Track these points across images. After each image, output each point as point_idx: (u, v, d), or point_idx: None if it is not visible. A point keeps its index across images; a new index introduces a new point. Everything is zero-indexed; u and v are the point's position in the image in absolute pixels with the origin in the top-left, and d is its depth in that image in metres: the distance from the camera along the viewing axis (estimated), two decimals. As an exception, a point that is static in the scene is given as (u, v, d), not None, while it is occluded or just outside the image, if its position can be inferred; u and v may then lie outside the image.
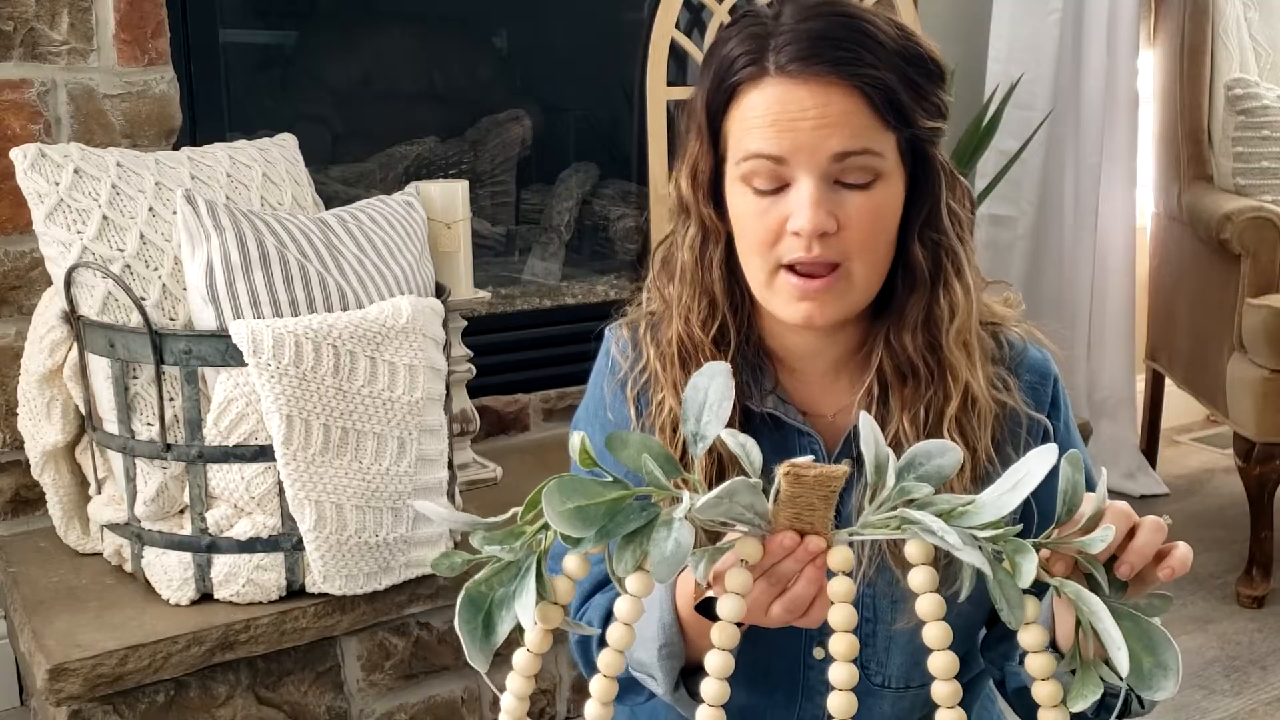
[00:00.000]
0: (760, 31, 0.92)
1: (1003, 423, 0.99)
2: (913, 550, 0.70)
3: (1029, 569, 0.67)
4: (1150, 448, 3.00)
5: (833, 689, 0.70)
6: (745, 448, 0.70)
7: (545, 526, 0.71)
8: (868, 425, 0.71)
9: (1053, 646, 0.93)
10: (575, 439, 0.74)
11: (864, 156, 0.90)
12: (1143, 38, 2.85)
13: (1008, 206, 2.70)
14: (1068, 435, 1.04)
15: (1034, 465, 0.69)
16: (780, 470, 0.69)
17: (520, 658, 0.75)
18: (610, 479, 0.69)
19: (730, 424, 0.96)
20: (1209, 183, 2.68)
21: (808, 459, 0.70)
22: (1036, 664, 0.70)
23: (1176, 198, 2.72)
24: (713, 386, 0.71)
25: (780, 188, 0.92)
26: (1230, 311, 2.39)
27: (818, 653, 1.01)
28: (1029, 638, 0.70)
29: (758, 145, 0.91)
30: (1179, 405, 3.11)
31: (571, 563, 0.72)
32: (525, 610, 0.70)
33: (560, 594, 0.72)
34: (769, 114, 0.91)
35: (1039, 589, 0.70)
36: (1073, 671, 0.73)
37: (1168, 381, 2.91)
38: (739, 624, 0.72)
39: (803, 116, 0.90)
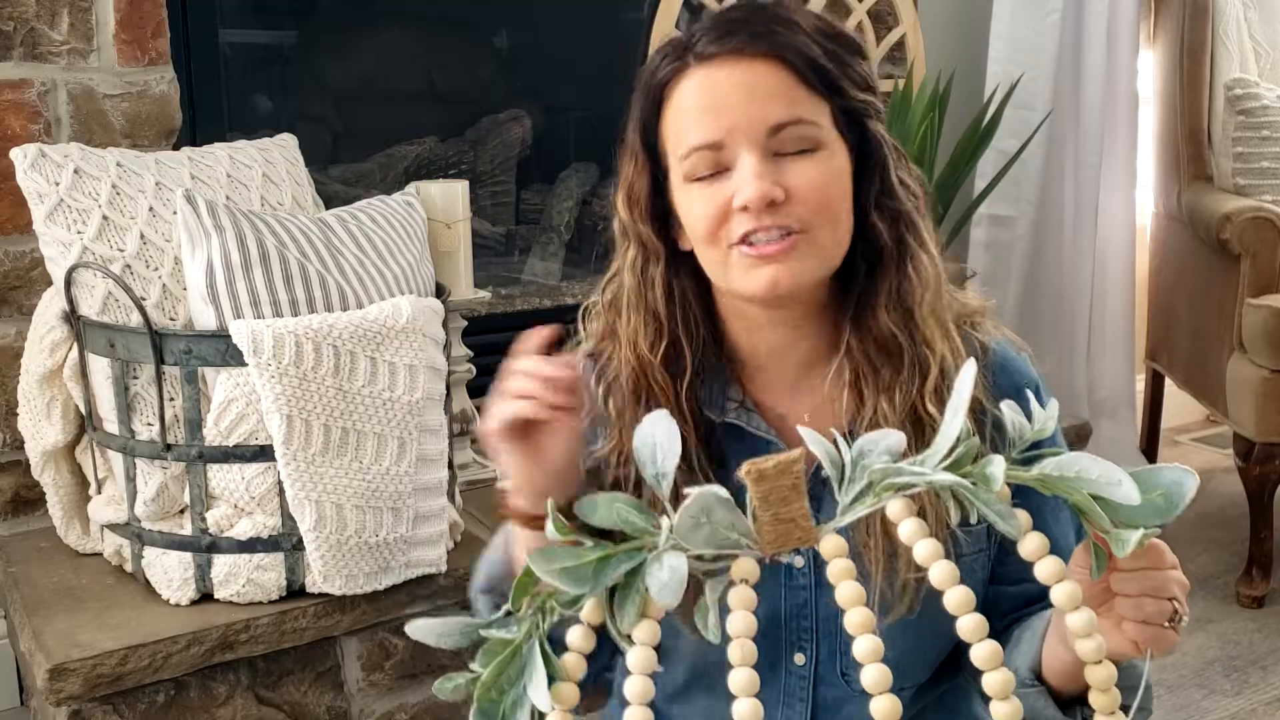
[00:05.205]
0: (679, 41, 0.95)
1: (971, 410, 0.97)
2: (893, 509, 0.68)
3: (997, 472, 0.66)
4: (1150, 448, 3.00)
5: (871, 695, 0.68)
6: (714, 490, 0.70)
7: (543, 610, 0.70)
8: (807, 435, 0.70)
9: (1039, 680, 0.92)
10: (549, 506, 0.73)
11: (799, 126, 0.91)
12: (1143, 38, 2.85)
13: (1008, 206, 2.69)
14: (1053, 442, 1.03)
15: (961, 385, 0.69)
16: (741, 475, 0.68)
17: None
18: (591, 545, 0.69)
19: (692, 446, 0.96)
20: (1209, 183, 2.68)
21: (765, 457, 0.69)
22: (1044, 569, 0.68)
23: (1176, 198, 2.71)
24: (659, 429, 0.72)
25: (724, 173, 0.92)
26: (1230, 311, 2.39)
27: (798, 658, 1.01)
28: (1029, 546, 0.68)
29: (695, 137, 0.92)
30: (1179, 405, 3.10)
31: (575, 635, 0.71)
32: (539, 694, 0.68)
33: (572, 670, 0.71)
34: (698, 101, 0.92)
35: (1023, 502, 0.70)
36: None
37: (1168, 381, 2.91)
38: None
39: (732, 94, 0.91)
